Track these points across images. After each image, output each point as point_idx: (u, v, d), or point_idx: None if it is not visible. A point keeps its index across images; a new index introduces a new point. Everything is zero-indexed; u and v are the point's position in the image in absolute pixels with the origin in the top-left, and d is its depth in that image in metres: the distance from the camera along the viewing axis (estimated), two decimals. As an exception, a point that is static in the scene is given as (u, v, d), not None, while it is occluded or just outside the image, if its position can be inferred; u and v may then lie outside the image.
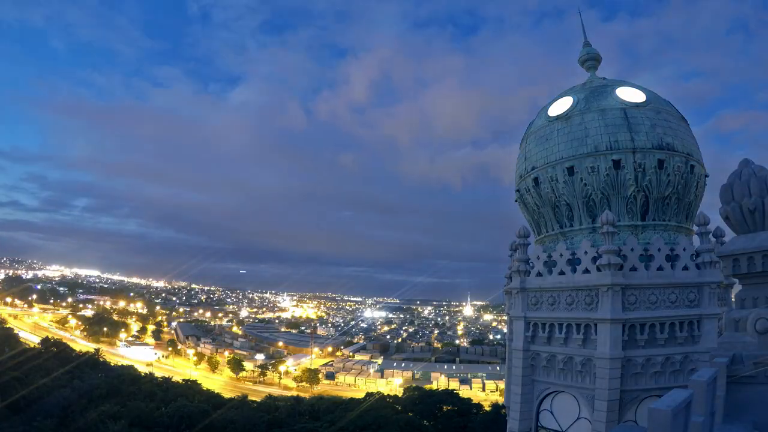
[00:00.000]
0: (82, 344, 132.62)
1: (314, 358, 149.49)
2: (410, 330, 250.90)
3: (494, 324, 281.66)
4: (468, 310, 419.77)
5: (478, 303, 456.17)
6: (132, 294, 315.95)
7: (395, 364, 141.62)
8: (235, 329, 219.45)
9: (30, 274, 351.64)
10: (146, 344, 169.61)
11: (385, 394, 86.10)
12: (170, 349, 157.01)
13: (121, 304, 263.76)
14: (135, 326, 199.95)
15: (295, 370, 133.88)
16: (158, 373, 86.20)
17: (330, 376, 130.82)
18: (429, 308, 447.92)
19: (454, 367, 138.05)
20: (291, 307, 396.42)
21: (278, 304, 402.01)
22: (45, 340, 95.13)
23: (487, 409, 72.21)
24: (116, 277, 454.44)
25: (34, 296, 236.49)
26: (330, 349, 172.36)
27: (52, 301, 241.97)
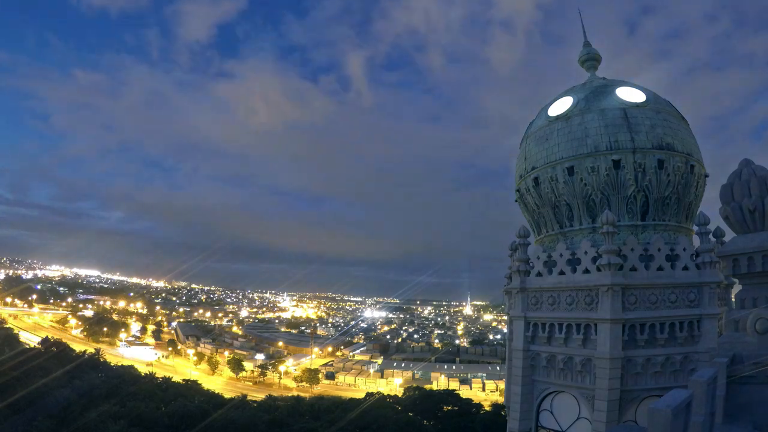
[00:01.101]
0: (82, 344, 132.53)
1: (314, 358, 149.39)
2: (410, 330, 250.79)
3: (494, 324, 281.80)
4: (468, 310, 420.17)
5: (478, 303, 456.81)
6: (132, 294, 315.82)
7: (395, 364, 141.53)
8: (235, 329, 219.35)
9: (30, 274, 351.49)
10: (146, 344, 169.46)
11: (385, 394, 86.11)
12: (170, 349, 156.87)
13: (121, 304, 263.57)
14: (135, 326, 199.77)
15: (295, 370, 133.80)
16: (158, 373, 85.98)
17: (330, 376, 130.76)
18: (429, 308, 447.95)
19: (454, 367, 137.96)
20: (291, 307, 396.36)
21: (278, 304, 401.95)
22: (45, 340, 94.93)
23: (487, 409, 72.18)
24: (116, 277, 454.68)
25: (34, 296, 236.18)
26: (330, 349, 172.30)
27: (52, 301, 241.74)
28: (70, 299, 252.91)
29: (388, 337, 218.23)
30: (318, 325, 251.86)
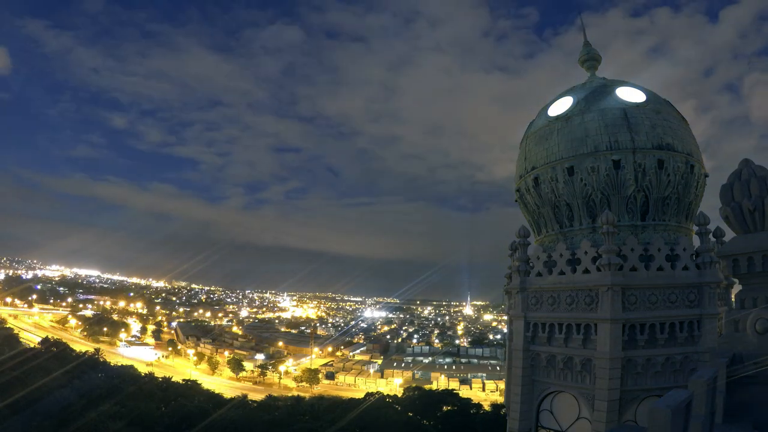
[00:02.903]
0: (82, 344, 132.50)
1: (314, 358, 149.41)
2: (410, 330, 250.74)
3: (494, 324, 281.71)
4: (468, 310, 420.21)
5: (478, 303, 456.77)
6: (132, 294, 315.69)
7: (395, 364, 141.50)
8: (235, 329, 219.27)
9: (30, 274, 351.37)
10: (146, 344, 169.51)
11: (385, 394, 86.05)
12: (170, 349, 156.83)
13: (121, 304, 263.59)
14: (135, 326, 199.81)
15: (295, 370, 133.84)
16: (158, 373, 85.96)
17: (330, 376, 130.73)
18: (429, 308, 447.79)
19: (454, 367, 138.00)
20: (291, 307, 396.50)
21: (278, 304, 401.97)
22: (45, 340, 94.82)
23: (487, 409, 72.09)
24: (116, 277, 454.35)
25: (34, 296, 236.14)
26: (330, 349, 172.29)
27: (52, 301, 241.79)
28: (70, 299, 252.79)
29: (388, 337, 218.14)
30: (318, 325, 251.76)
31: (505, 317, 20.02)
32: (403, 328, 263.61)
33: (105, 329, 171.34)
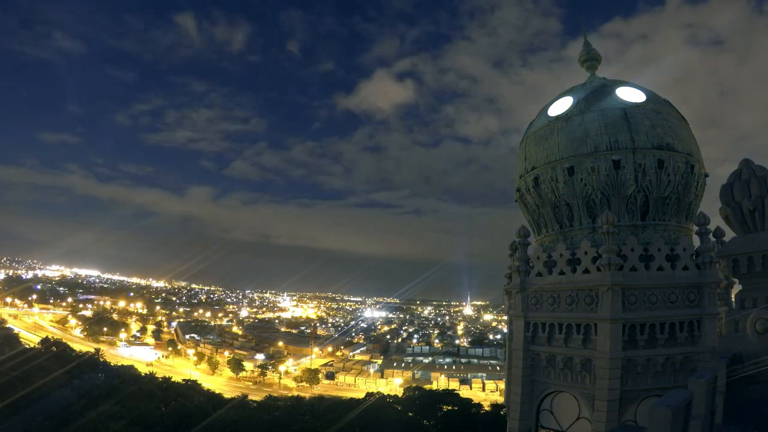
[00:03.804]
0: (82, 344, 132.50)
1: (314, 358, 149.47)
2: (410, 330, 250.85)
3: (494, 324, 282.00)
4: (468, 310, 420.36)
5: (478, 303, 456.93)
6: (132, 294, 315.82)
7: (395, 364, 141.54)
8: (235, 329, 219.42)
9: (30, 274, 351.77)
10: (146, 344, 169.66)
11: (385, 394, 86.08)
12: (170, 349, 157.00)
13: (121, 304, 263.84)
14: (135, 326, 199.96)
15: (295, 370, 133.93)
16: (158, 373, 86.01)
17: (330, 376, 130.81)
18: (429, 308, 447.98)
19: (454, 367, 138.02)
20: (291, 307, 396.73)
21: (278, 304, 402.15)
22: (45, 340, 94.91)
23: (487, 409, 72.08)
24: (116, 277, 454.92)
25: (34, 296, 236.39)
26: (330, 349, 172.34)
27: (52, 301, 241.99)
28: (70, 299, 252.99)
29: (388, 337, 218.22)
30: (318, 325, 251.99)
31: (505, 317, 20.02)
32: (403, 328, 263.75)
33: (105, 329, 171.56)
